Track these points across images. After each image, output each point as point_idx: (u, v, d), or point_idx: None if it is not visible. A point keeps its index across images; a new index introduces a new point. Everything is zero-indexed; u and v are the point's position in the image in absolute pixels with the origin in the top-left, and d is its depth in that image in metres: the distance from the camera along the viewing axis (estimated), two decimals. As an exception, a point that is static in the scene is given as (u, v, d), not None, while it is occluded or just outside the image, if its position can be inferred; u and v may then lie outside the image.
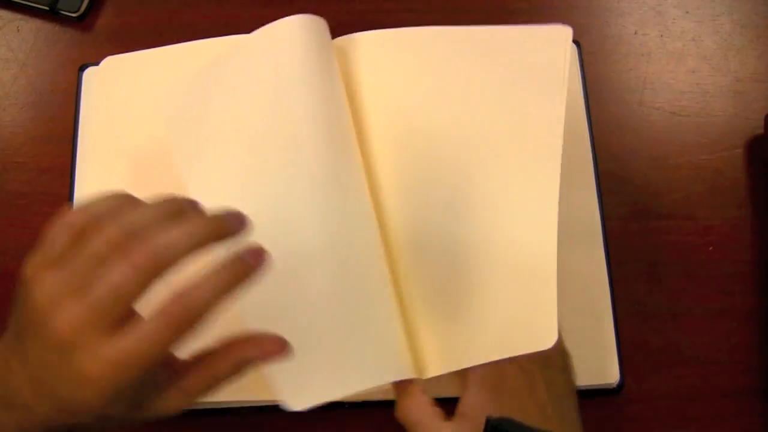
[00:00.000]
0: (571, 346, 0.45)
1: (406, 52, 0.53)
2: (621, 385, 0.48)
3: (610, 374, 0.48)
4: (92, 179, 0.52)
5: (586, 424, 0.42)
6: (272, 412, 0.47)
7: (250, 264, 0.32)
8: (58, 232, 0.32)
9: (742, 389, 0.49)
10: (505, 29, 0.55)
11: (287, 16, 0.58)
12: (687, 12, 0.59)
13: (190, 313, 0.30)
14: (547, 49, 0.53)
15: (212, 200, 0.35)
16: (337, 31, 0.54)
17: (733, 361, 0.49)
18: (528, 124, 0.48)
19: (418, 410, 0.40)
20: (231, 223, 0.33)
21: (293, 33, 0.50)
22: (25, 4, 0.58)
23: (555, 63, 0.52)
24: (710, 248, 0.52)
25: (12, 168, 0.54)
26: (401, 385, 0.41)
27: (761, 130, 0.55)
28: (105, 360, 0.30)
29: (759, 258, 0.52)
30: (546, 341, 0.39)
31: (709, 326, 0.50)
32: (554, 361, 0.41)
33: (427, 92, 0.52)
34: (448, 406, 0.49)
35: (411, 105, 0.52)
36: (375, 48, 0.53)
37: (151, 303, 0.31)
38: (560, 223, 0.50)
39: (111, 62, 0.55)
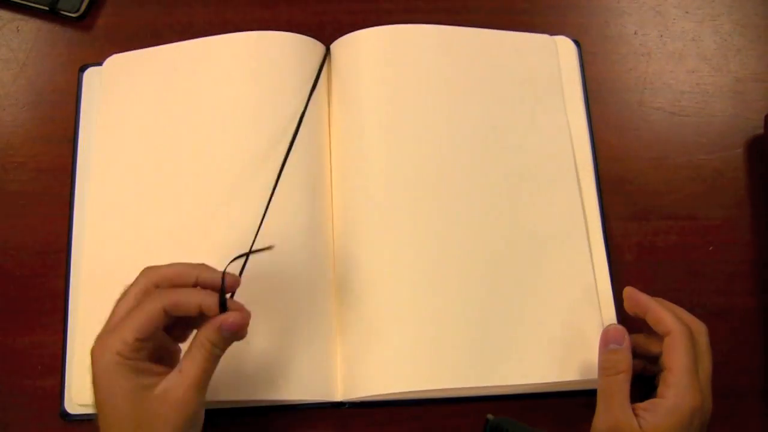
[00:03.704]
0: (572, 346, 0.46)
1: (410, 49, 0.53)
2: (621, 385, 0.48)
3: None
4: (97, 179, 0.52)
5: (586, 422, 0.42)
6: (272, 412, 0.48)
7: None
8: None
9: (742, 389, 0.49)
10: (507, 34, 0.55)
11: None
12: (687, 12, 0.59)
13: None
14: (545, 58, 0.54)
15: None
16: (338, 31, 0.54)
17: (733, 361, 0.49)
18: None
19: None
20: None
21: (283, 49, 0.53)
22: (25, 4, 0.57)
23: (552, 73, 0.54)
24: (710, 248, 0.52)
25: (12, 168, 0.54)
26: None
27: (761, 130, 0.55)
28: None
29: (759, 258, 0.52)
30: None
31: (709, 326, 0.50)
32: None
33: (430, 91, 0.52)
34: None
35: (412, 105, 0.52)
36: (377, 44, 0.53)
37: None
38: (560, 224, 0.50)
39: (114, 61, 0.55)
